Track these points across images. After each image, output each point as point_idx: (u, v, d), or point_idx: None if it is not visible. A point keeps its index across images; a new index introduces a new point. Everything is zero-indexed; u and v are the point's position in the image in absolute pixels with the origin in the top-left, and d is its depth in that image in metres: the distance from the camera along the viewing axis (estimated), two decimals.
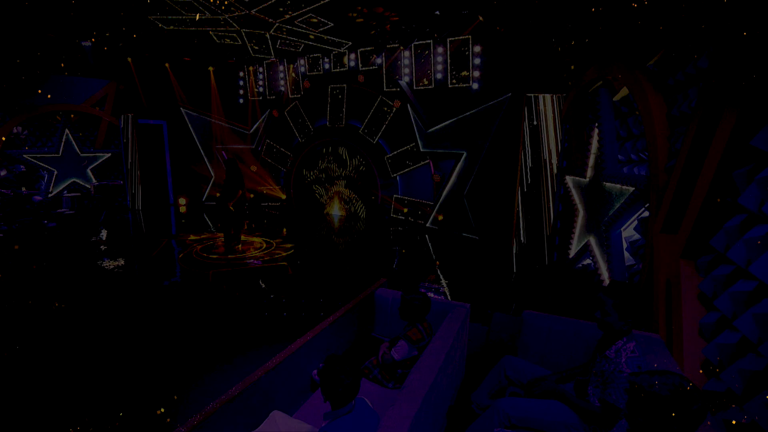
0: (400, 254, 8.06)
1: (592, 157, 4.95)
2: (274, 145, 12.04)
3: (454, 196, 9.00)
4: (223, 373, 3.81)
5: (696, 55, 2.77)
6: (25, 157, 10.21)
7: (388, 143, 10.39)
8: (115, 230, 9.35)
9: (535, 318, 2.93)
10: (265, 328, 4.81)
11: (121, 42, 10.13)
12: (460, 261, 7.51)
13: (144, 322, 4.89)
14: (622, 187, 4.08)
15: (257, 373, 2.64)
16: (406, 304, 2.99)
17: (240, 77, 12.43)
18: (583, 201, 5.26)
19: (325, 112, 11.09)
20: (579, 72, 5.46)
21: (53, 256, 7.22)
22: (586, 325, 2.76)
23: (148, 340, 4.41)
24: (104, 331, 4.61)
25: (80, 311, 5.12)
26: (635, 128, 4.20)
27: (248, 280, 6.11)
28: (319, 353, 3.42)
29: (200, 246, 7.85)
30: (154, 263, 6.88)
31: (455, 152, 8.93)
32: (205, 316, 5.13)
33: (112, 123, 11.70)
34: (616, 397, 2.00)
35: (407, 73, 9.82)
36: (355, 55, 10.41)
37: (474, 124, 8.52)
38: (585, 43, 5.07)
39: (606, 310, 2.19)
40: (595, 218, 4.85)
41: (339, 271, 6.81)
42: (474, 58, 8.79)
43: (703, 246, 2.51)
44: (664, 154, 3.06)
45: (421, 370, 2.51)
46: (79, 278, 6.26)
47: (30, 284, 5.96)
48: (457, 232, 8.96)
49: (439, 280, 6.48)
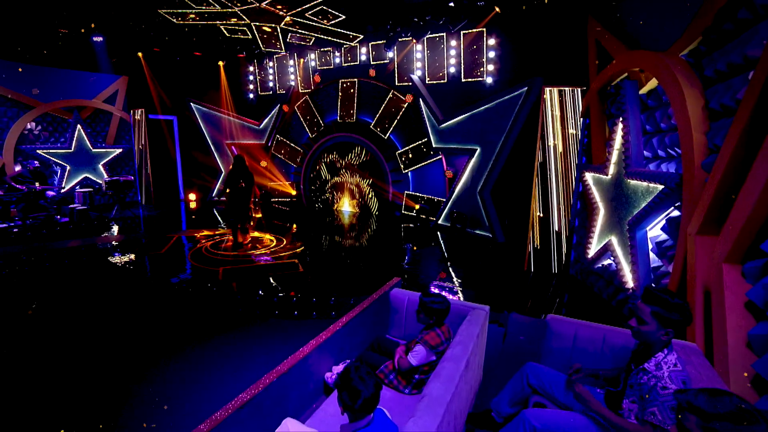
0: (411, 251, 7.92)
1: (615, 153, 4.74)
2: (284, 141, 11.95)
3: (468, 193, 8.82)
4: (234, 374, 3.73)
5: (742, 44, 2.57)
6: (39, 153, 10.27)
7: (399, 139, 10.22)
8: (125, 225, 9.36)
9: (561, 323, 2.77)
10: (276, 328, 4.72)
11: (131, 37, 10.10)
12: (473, 259, 7.35)
13: (147, 321, 4.84)
14: (649, 184, 3.88)
15: (269, 377, 2.54)
16: (424, 307, 2.86)
17: (250, 72, 12.34)
18: (605, 199, 5.06)
19: (335, 106, 10.96)
20: (601, 64, 5.24)
21: (63, 254, 7.23)
22: (616, 331, 2.60)
23: (151, 338, 4.36)
24: (102, 333, 4.57)
25: (82, 311, 5.09)
26: (663, 123, 4.00)
27: (257, 277, 6.03)
28: (331, 355, 3.31)
29: (210, 242, 7.80)
30: (162, 260, 6.84)
31: (468, 147, 8.73)
32: (209, 316, 5.06)
33: (124, 118, 11.72)
34: (663, 417, 1.83)
35: (419, 67, 9.63)
36: (366, 49, 10.24)
37: (488, 119, 8.31)
38: (610, 32, 4.85)
39: (643, 318, 2.02)
40: (617, 217, 4.66)
41: (350, 269, 6.70)
42: (488, 51, 8.57)
43: (752, 250, 2.32)
44: (700, 149, 2.87)
45: (442, 377, 2.38)
46: (86, 275, 6.25)
47: (36, 283, 5.96)
48: (471, 230, 8.79)
49: (451, 279, 6.34)
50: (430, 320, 2.87)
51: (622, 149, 4.47)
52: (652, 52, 3.78)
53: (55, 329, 4.53)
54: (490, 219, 8.42)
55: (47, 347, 4.14)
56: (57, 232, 8.48)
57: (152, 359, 3.96)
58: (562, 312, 5.26)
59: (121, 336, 4.43)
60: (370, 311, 3.97)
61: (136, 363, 3.87)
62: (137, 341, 4.31)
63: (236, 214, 7.27)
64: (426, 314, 2.86)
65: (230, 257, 6.88)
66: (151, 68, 11.58)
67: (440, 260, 7.20)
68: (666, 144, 3.93)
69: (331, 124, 11.08)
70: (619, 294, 4.84)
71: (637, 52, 4.11)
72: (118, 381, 3.58)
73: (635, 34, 4.38)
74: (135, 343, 4.28)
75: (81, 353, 4.05)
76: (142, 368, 3.78)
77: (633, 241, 4.16)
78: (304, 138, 11.67)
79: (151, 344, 4.27)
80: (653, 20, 3.98)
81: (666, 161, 3.98)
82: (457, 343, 2.75)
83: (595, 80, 5.28)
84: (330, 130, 11.09)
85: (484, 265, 7.06)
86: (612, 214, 4.84)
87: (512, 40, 8.09)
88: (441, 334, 2.86)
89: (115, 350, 4.13)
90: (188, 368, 3.84)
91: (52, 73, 10.28)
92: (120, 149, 11.84)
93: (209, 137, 12.44)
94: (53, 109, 10.40)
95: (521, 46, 7.89)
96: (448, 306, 2.87)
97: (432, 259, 7.30)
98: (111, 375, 3.68)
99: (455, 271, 6.63)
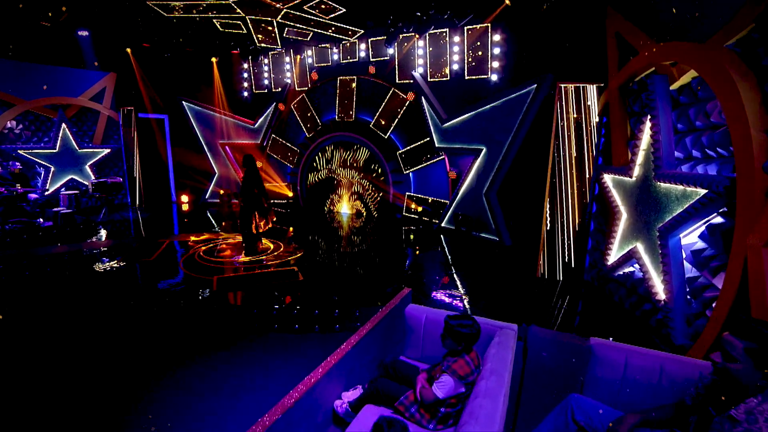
0: (415, 256, 7.58)
1: (641, 154, 4.42)
2: (280, 140, 11.53)
3: (473, 194, 8.48)
4: (231, 399, 3.34)
5: None
6: (20, 153, 9.75)
7: (400, 138, 9.86)
8: (114, 230, 8.89)
9: (608, 349, 2.43)
10: (276, 344, 4.34)
11: (119, 31, 9.63)
12: (481, 264, 7.01)
13: (134, 337, 4.43)
14: (686, 188, 3.56)
15: (274, 413, 2.16)
16: (451, 332, 2.50)
17: (244, 69, 11.89)
18: (628, 203, 4.74)
19: (333, 105, 10.56)
20: (622, 59, 4.91)
21: (44, 261, 6.77)
22: (676, 360, 2.26)
23: (138, 358, 3.95)
24: (83, 351, 4.15)
25: (61, 325, 4.66)
26: (699, 120, 3.68)
27: (254, 286, 5.63)
28: (340, 380, 2.95)
29: (203, 247, 7.37)
30: (152, 268, 6.41)
31: (473, 147, 8.40)
32: (203, 331, 4.67)
33: (112, 117, 11.22)
34: None
35: (421, 63, 9.27)
36: (366, 45, 9.86)
37: (495, 118, 7.98)
38: (634, 24, 4.52)
39: (733, 354, 1.67)
40: (644, 222, 4.34)
41: (352, 276, 6.32)
42: (493, 47, 8.24)
43: None
44: (761, 150, 2.54)
45: (480, 420, 2.02)
46: (68, 285, 5.81)
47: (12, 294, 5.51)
48: (476, 233, 8.45)
49: (460, 286, 6.00)
50: (458, 346, 2.52)
51: (650, 149, 4.14)
52: (689, 43, 3.46)
53: (30, 346, 4.10)
54: (496, 221, 8.09)
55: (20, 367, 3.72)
56: (39, 237, 8.00)
57: (139, 382, 3.56)
58: (575, 324, 4.94)
59: (105, 355, 4.02)
60: (381, 328, 3.61)
61: (121, 386, 3.47)
62: (122, 361, 3.90)
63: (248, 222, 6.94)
64: (454, 340, 2.51)
65: (225, 265, 6.47)
66: (140, 65, 11.09)
67: (447, 265, 6.85)
68: (703, 144, 3.61)
69: (329, 123, 10.69)
70: (644, 304, 4.53)
71: (670, 44, 3.78)
72: (98, 408, 3.17)
73: (665, 24, 4.05)
74: (120, 363, 3.87)
75: (57, 375, 3.63)
76: (127, 392, 3.38)
77: (665, 249, 3.84)
78: (301, 137, 11.26)
79: (139, 364, 3.86)
80: (688, 8, 3.65)
81: (703, 162, 3.65)
82: (491, 373, 2.39)
83: (615, 76, 4.96)
84: (328, 130, 10.70)
85: (493, 270, 6.72)
86: (637, 219, 4.52)
87: (520, 36, 7.76)
88: (470, 362, 2.50)
89: (97, 372, 3.71)
90: (180, 393, 3.44)
91: (34, 69, 9.76)
92: (108, 149, 11.34)
93: (202, 137, 11.98)
94: (36, 106, 9.88)
95: (530, 42, 7.56)
96: (478, 330, 2.51)
97: (438, 264, 6.95)
98: (90, 402, 3.27)
99: (464, 278, 6.28)
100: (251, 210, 6.83)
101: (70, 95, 10.41)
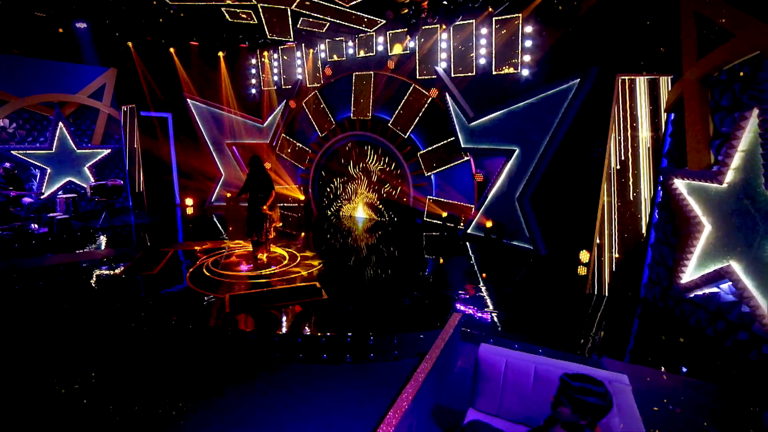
0: (435, 264, 6.90)
1: (738, 156, 3.73)
2: (291, 141, 10.85)
3: (504, 199, 7.78)
4: None
5: None
6: (14, 154, 9.08)
7: (421, 138, 9.18)
8: (114, 236, 8.21)
9: None
10: (301, 378, 3.65)
11: (119, 24, 8.96)
12: (511, 275, 6.32)
13: (136, 370, 3.74)
14: None
15: None
16: (572, 401, 1.81)
17: (253, 65, 11.21)
18: (715, 214, 4.04)
19: (348, 102, 9.87)
20: (706, 44, 4.22)
21: (36, 275, 6.10)
22: None
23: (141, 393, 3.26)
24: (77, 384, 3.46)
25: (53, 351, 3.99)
26: None
27: (271, 306, 4.94)
28: None
29: (211, 258, 6.69)
30: (155, 283, 5.73)
31: (505, 148, 7.70)
32: (216, 361, 3.99)
33: (112, 115, 10.55)
34: None
35: (444, 58, 8.59)
36: (384, 38, 9.18)
37: (530, 116, 7.28)
38: None
39: None
40: (743, 239, 3.64)
41: (379, 292, 5.63)
42: (525, 39, 7.55)
43: None
44: None
45: None
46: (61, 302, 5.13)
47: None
48: (507, 240, 7.76)
49: (483, 298, 5.33)
50: (581, 420, 1.83)
51: (757, 150, 3.45)
52: None
53: (17, 376, 3.42)
54: (530, 229, 7.39)
55: None
56: (33, 245, 7.32)
57: (141, 425, 2.88)
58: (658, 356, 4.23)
59: (102, 390, 3.34)
60: (437, 368, 2.94)
61: None
62: (122, 399, 3.23)
63: (255, 226, 6.34)
64: (577, 411, 1.82)
65: (237, 279, 5.79)
66: (142, 60, 10.41)
67: (482, 280, 6.16)
68: None
69: (344, 122, 10.00)
70: (738, 332, 3.84)
71: None
72: None
73: None
74: (120, 401, 3.19)
75: (45, 412, 2.95)
76: None
77: None
78: (313, 137, 10.58)
79: (142, 402, 3.19)
80: None
81: None
82: None
83: (696, 64, 4.27)
84: (342, 129, 10.02)
85: (524, 282, 6.03)
86: (730, 234, 3.83)
87: (557, 26, 7.04)
88: None
89: (92, 411, 3.04)
90: None
91: (29, 64, 9.09)
92: (108, 149, 10.67)
93: (208, 136, 11.29)
94: (31, 104, 9.21)
95: (570, 33, 6.85)
96: (611, 402, 1.82)
97: (472, 277, 6.26)
98: None
99: (509, 296, 5.58)
100: (259, 214, 6.27)
101: (68, 92, 9.74)
